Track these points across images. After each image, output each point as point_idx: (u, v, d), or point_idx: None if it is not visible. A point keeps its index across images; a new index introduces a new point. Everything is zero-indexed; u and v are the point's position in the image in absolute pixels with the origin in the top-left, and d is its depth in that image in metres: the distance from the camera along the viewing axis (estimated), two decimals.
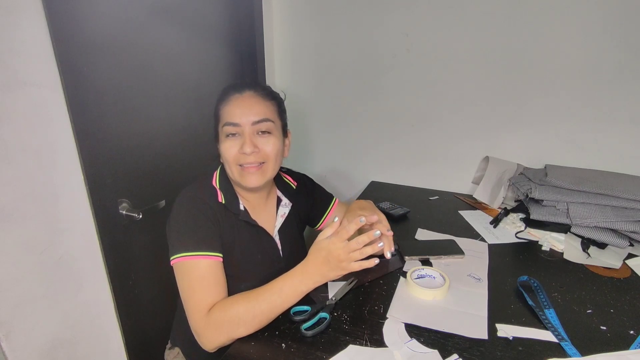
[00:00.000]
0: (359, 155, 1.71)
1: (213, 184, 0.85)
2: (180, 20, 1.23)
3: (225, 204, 0.82)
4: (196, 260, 0.73)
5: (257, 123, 0.78)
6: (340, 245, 0.69)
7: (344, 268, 0.69)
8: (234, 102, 0.79)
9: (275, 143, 0.80)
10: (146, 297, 1.20)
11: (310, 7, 1.56)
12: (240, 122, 0.77)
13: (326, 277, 0.71)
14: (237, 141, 0.78)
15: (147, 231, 1.18)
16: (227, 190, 0.84)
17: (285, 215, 0.92)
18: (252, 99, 0.79)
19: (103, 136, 1.02)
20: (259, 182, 0.80)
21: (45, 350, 0.91)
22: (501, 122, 1.41)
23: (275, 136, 0.81)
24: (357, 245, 0.69)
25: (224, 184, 0.85)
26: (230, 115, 0.78)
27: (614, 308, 0.80)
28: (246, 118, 0.77)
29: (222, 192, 0.83)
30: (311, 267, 0.72)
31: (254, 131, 0.78)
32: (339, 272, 0.70)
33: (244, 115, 0.77)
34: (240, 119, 0.77)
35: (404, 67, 1.48)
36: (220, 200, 0.82)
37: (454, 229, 1.18)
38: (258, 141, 0.78)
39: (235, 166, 0.79)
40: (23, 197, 0.82)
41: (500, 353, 0.67)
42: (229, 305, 0.71)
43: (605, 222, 1.05)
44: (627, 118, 1.24)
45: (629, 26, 1.16)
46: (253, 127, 0.78)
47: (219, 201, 0.82)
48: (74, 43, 0.90)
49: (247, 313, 0.69)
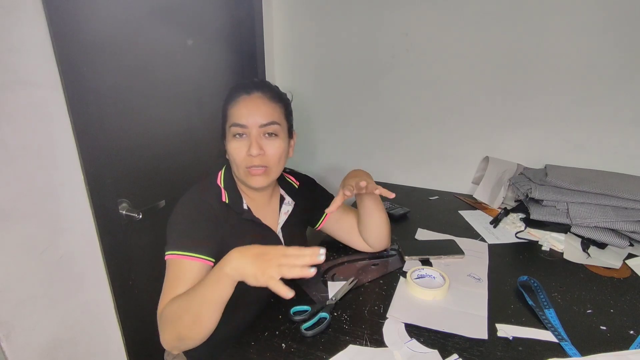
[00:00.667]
0: (358, 155, 1.71)
1: (218, 183, 0.85)
2: (180, 20, 1.23)
3: (228, 203, 0.83)
4: (184, 260, 0.74)
5: (264, 126, 0.78)
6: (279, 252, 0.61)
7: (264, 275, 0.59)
8: (242, 102, 0.79)
9: (280, 146, 0.81)
10: (146, 297, 1.20)
11: (310, 7, 1.56)
12: (248, 124, 0.78)
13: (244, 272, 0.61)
14: (244, 142, 0.79)
15: (147, 231, 1.18)
16: (231, 189, 0.85)
17: (288, 213, 0.93)
18: (260, 100, 0.79)
19: (103, 136, 1.02)
20: (263, 183, 0.81)
21: (45, 350, 0.91)
22: (501, 122, 1.41)
23: (281, 138, 0.81)
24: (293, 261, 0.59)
25: (229, 183, 0.86)
26: (237, 116, 0.78)
27: (614, 308, 0.80)
28: (253, 120, 0.78)
29: (226, 191, 0.84)
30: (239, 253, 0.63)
31: (260, 133, 0.79)
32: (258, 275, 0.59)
33: (251, 116, 0.78)
34: (247, 120, 0.78)
35: (404, 67, 1.48)
36: (224, 199, 0.83)
37: (454, 229, 1.18)
38: (264, 143, 0.79)
39: (243, 168, 0.80)
40: (23, 197, 0.82)
41: (500, 353, 0.67)
42: (173, 300, 0.69)
43: (605, 222, 1.05)
44: (627, 118, 1.24)
45: (629, 26, 1.16)
46: (260, 130, 0.78)
47: (222, 201, 0.82)
48: (74, 43, 0.90)
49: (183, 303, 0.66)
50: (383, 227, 0.95)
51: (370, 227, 0.95)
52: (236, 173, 0.84)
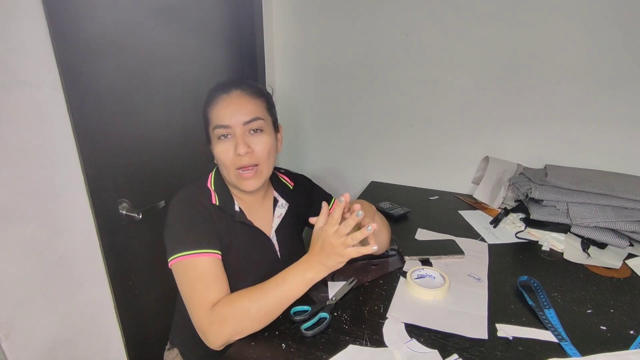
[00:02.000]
0: (358, 155, 1.71)
1: (208, 186, 0.84)
2: (180, 20, 1.23)
3: (219, 205, 0.82)
4: (195, 259, 0.73)
5: (248, 123, 0.77)
6: (332, 232, 0.67)
7: (339, 254, 0.67)
8: (222, 103, 0.78)
9: (267, 141, 0.80)
10: (146, 297, 1.20)
11: (310, 7, 1.57)
12: (231, 124, 0.76)
13: (326, 265, 0.69)
14: (230, 143, 0.78)
15: (147, 231, 1.18)
16: (222, 192, 0.84)
17: (281, 215, 0.91)
18: (240, 98, 0.78)
19: (103, 136, 1.02)
20: (256, 186, 0.80)
21: (45, 350, 0.91)
22: (501, 122, 1.41)
23: (267, 134, 0.80)
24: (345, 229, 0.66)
25: (219, 186, 0.85)
26: (219, 118, 0.77)
27: (614, 308, 0.80)
28: (236, 118, 0.76)
29: (216, 194, 0.83)
30: (311, 256, 0.71)
31: (245, 131, 0.77)
32: (336, 258, 0.68)
33: (234, 115, 0.76)
34: (230, 120, 0.76)
35: (404, 66, 1.48)
36: (214, 201, 0.82)
37: (454, 229, 1.18)
38: (250, 140, 0.78)
39: (233, 170, 0.79)
40: (23, 197, 0.82)
41: (500, 353, 0.67)
42: (233, 299, 0.71)
43: (605, 222, 1.05)
44: (627, 118, 1.24)
45: (629, 26, 1.16)
46: (244, 127, 0.77)
47: (213, 203, 0.82)
48: (74, 43, 0.90)
49: (252, 304, 0.69)
50: (382, 233, 0.92)
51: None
52: (227, 177, 0.82)
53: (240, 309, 0.69)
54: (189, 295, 0.73)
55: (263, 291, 0.70)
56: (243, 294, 0.71)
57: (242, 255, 0.84)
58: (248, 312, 0.69)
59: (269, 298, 0.70)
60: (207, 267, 0.74)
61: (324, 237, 0.68)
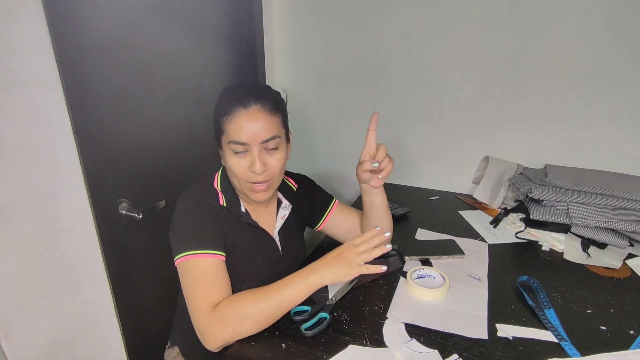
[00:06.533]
0: (359, 155, 1.70)
1: (214, 186, 0.84)
2: (180, 20, 1.23)
3: (226, 206, 0.82)
4: (199, 259, 0.74)
5: (265, 142, 0.75)
6: (350, 246, 0.73)
7: (352, 267, 0.71)
8: (240, 118, 0.74)
9: (281, 158, 0.79)
10: (146, 297, 1.20)
11: (310, 7, 1.56)
12: (249, 142, 0.74)
13: (335, 274, 0.71)
14: (246, 158, 0.76)
15: (147, 231, 1.18)
16: (229, 193, 0.84)
17: (285, 217, 0.92)
18: (259, 115, 0.75)
19: (103, 136, 1.02)
20: (266, 197, 0.81)
21: (45, 350, 0.91)
22: (501, 122, 1.41)
23: (282, 150, 0.79)
24: (366, 246, 0.72)
25: (225, 186, 0.85)
26: (236, 134, 0.74)
27: (614, 308, 0.80)
28: (255, 137, 0.74)
29: (223, 195, 0.83)
30: (320, 263, 0.73)
31: (262, 148, 0.76)
32: (347, 270, 0.71)
33: (252, 133, 0.74)
34: (248, 138, 0.74)
35: (405, 67, 1.48)
36: (221, 202, 0.82)
37: (454, 229, 1.18)
38: (266, 158, 0.77)
39: (245, 183, 0.78)
40: (23, 197, 0.82)
41: (500, 353, 0.67)
42: (235, 300, 0.71)
43: (605, 222, 1.05)
44: (627, 118, 1.24)
45: (629, 26, 1.16)
46: (261, 145, 0.76)
47: (220, 204, 0.82)
48: (74, 43, 0.90)
49: (254, 307, 0.69)
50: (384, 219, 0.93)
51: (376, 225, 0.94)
52: (237, 185, 0.82)
53: (241, 311, 0.69)
54: (191, 294, 0.73)
55: (265, 294, 0.71)
56: (245, 296, 0.71)
57: (246, 255, 0.84)
58: (249, 314, 0.69)
59: (271, 301, 0.70)
60: (211, 268, 0.74)
61: (341, 249, 0.74)
